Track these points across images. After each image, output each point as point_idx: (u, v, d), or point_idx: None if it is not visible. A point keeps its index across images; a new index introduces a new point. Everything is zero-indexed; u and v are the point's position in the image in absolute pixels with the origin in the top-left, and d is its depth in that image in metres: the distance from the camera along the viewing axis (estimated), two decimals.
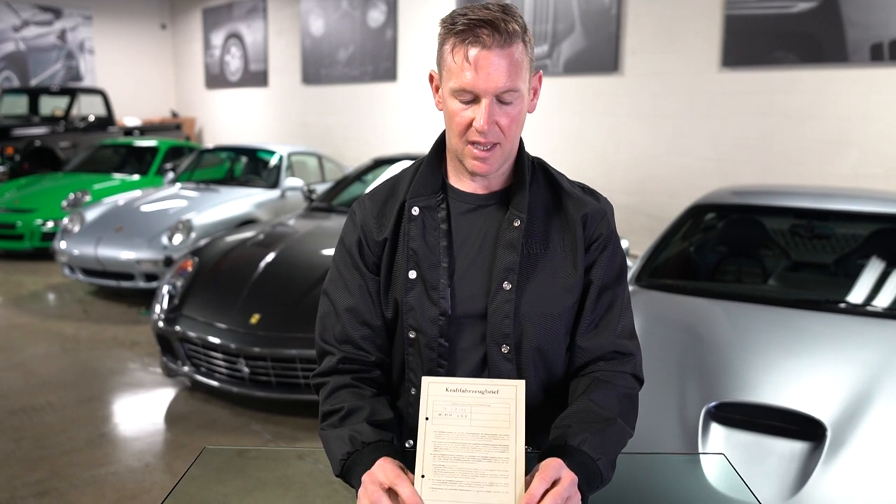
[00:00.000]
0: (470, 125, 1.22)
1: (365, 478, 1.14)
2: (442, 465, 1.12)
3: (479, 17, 1.18)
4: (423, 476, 1.12)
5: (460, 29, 1.19)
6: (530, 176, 1.33)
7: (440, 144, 1.37)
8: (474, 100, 1.21)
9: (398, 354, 1.34)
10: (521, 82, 1.22)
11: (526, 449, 1.15)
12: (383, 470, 1.13)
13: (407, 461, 1.18)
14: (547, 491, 1.08)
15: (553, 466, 1.11)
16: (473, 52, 1.18)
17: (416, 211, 1.31)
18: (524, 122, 1.28)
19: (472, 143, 1.23)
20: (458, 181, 1.34)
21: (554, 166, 1.42)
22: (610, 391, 1.27)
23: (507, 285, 1.26)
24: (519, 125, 1.26)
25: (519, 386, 1.16)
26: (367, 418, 1.24)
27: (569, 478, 1.10)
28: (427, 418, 1.15)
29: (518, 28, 1.20)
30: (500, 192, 1.33)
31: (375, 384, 1.34)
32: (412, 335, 1.30)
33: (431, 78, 1.32)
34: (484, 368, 1.30)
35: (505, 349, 1.27)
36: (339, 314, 1.34)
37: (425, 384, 1.17)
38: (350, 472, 1.20)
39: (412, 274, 1.29)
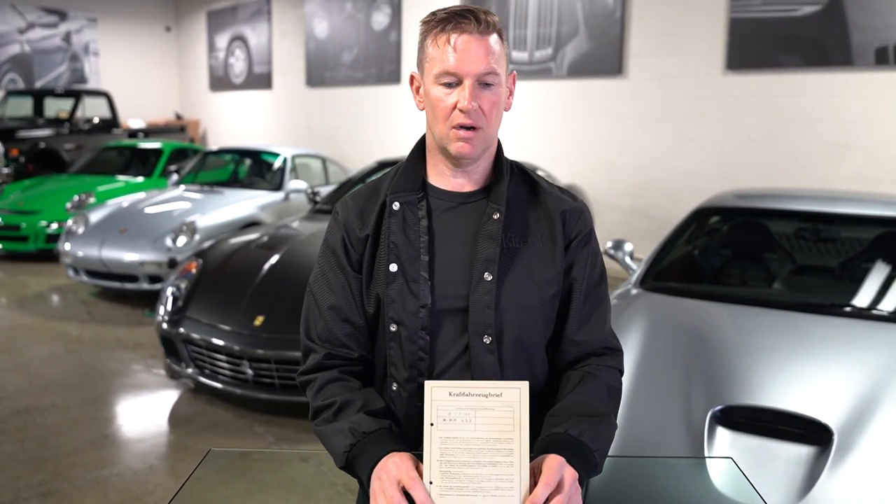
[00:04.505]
0: (454, 109, 1.26)
1: (381, 473, 1.16)
2: (449, 472, 1.13)
3: (459, 9, 1.27)
4: (430, 482, 1.13)
5: (442, 18, 1.28)
6: (509, 174, 1.37)
7: (420, 147, 1.40)
8: (457, 84, 1.26)
9: (380, 351, 1.35)
10: (500, 69, 1.28)
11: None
12: (398, 467, 1.15)
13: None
14: (551, 495, 1.10)
15: (555, 468, 1.13)
16: (454, 36, 1.25)
17: (396, 206, 1.33)
18: (502, 115, 1.33)
19: (457, 126, 1.27)
20: (439, 179, 1.37)
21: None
22: (601, 385, 1.32)
23: (488, 276, 1.28)
24: (498, 113, 1.31)
25: (522, 388, 1.16)
26: (362, 409, 1.26)
27: (570, 477, 1.13)
28: (432, 424, 1.15)
29: (495, 21, 1.29)
30: (480, 190, 1.36)
31: (361, 377, 1.37)
32: (393, 328, 1.31)
33: (412, 80, 1.37)
34: (462, 360, 1.31)
35: (487, 340, 1.28)
36: (322, 312, 1.36)
37: (428, 389, 1.17)
38: (355, 462, 1.23)
39: (393, 267, 1.31)
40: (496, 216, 1.31)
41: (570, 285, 1.34)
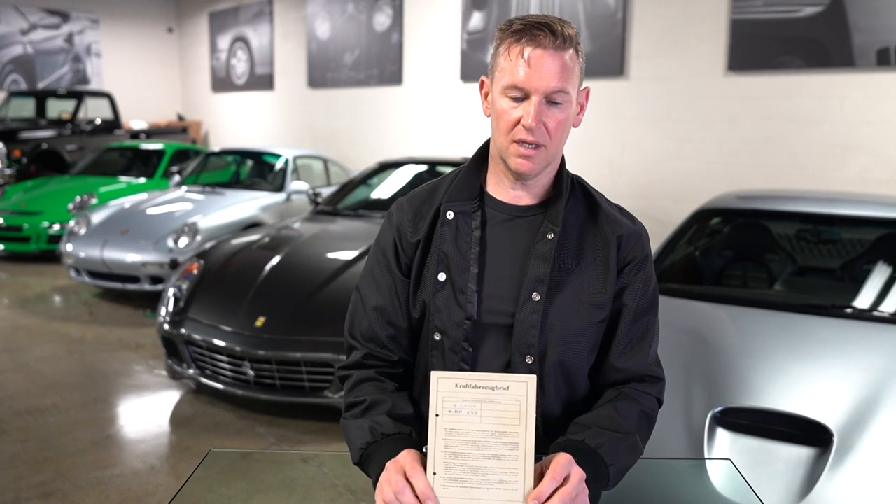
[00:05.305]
0: (517, 123, 1.23)
1: (389, 464, 1.17)
2: (452, 463, 1.13)
3: (537, 20, 1.22)
4: (434, 473, 1.13)
5: (517, 29, 1.23)
6: (568, 192, 1.34)
7: (483, 152, 1.38)
8: (524, 98, 1.22)
9: (422, 358, 1.35)
10: (571, 87, 1.24)
11: (537, 457, 1.15)
12: (404, 458, 1.16)
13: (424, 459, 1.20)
14: (556, 490, 1.10)
15: (563, 464, 1.12)
16: (528, 50, 1.21)
17: (450, 215, 1.32)
18: (569, 132, 1.29)
19: (518, 141, 1.24)
20: (498, 190, 1.34)
21: None
22: (634, 406, 1.30)
23: (535, 296, 1.27)
24: (564, 131, 1.27)
25: (530, 381, 1.15)
26: (388, 411, 1.27)
27: (577, 475, 1.12)
28: (437, 415, 1.15)
29: (573, 34, 1.23)
30: (537, 205, 1.33)
31: (398, 380, 1.37)
32: (437, 337, 1.31)
33: (482, 84, 1.34)
34: None
35: (529, 360, 1.27)
36: (368, 312, 1.36)
37: (434, 379, 1.16)
38: (368, 461, 1.25)
39: (441, 276, 1.30)
40: (550, 236, 1.28)
41: (619, 310, 1.32)
